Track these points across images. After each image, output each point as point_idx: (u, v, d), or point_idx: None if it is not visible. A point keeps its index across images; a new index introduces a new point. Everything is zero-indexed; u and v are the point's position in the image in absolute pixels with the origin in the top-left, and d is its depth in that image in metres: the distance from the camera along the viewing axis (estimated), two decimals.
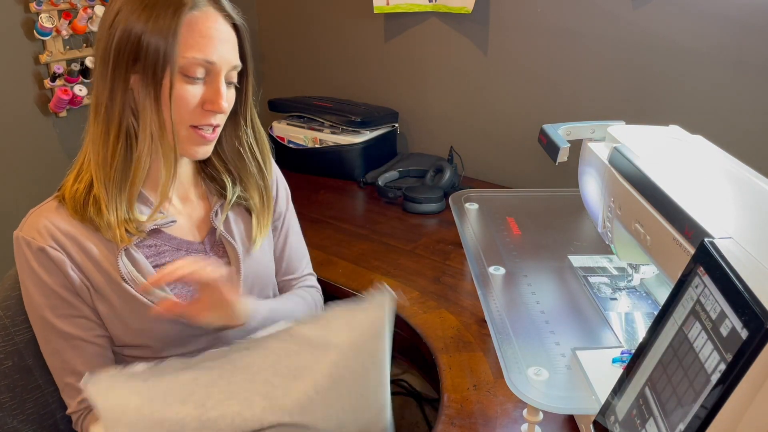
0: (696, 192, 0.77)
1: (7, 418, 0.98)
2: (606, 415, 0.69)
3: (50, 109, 1.72)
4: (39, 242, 0.86)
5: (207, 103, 0.88)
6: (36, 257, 0.87)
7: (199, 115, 0.89)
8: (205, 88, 0.88)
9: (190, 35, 0.85)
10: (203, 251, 0.97)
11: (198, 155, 0.93)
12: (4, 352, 0.98)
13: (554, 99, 1.65)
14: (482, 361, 1.03)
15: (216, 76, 0.88)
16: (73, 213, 0.88)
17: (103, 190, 0.87)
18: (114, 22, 0.85)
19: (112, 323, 0.90)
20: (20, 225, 0.89)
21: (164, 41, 0.83)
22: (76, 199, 0.88)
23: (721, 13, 1.36)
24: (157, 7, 0.84)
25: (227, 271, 0.87)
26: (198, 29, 0.85)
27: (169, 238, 0.94)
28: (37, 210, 0.90)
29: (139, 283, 0.89)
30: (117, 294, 0.89)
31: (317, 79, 2.13)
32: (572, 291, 1.07)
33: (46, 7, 1.62)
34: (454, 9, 1.71)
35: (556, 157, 0.98)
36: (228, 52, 0.89)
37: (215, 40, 0.87)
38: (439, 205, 1.57)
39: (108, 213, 0.87)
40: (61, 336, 0.89)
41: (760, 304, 0.51)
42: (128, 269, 0.89)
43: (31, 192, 1.70)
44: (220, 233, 0.98)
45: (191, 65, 0.85)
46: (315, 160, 1.81)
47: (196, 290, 0.87)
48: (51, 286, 0.87)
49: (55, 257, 0.86)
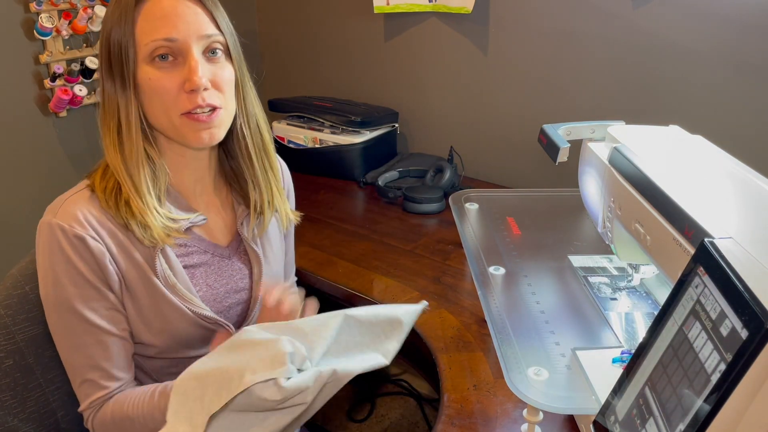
0: (696, 192, 0.77)
1: (7, 416, 0.98)
2: (606, 415, 0.69)
3: (50, 109, 1.72)
4: (78, 230, 0.84)
5: (186, 83, 0.85)
6: (72, 245, 0.84)
7: (185, 99, 0.86)
8: (180, 70, 0.86)
9: (147, 21, 0.84)
10: (227, 256, 0.98)
11: (204, 141, 0.89)
12: (5, 351, 0.98)
13: (554, 99, 1.65)
14: (482, 361, 1.03)
15: (186, 53, 0.85)
16: (106, 206, 0.87)
17: (132, 193, 0.86)
18: (101, 35, 0.87)
19: (134, 321, 0.90)
20: (50, 211, 0.87)
21: (123, 35, 0.84)
22: (107, 194, 0.87)
23: (721, 13, 1.36)
24: (118, 5, 0.85)
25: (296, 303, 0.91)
26: (154, 13, 0.84)
27: (199, 239, 0.95)
28: (71, 198, 0.88)
29: (170, 282, 0.89)
30: (148, 291, 0.89)
31: (317, 79, 2.14)
32: (572, 291, 1.07)
33: (46, 7, 1.62)
34: (454, 9, 1.71)
35: (556, 157, 0.98)
36: (192, 24, 0.85)
37: (173, 17, 0.84)
38: (439, 205, 1.57)
39: (142, 215, 0.86)
40: (89, 329, 0.87)
41: (760, 304, 0.51)
42: (163, 267, 0.89)
43: (31, 192, 1.71)
44: (246, 240, 0.99)
45: (154, 49, 0.84)
46: (315, 160, 1.81)
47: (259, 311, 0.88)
48: (86, 276, 0.85)
49: (95, 248, 0.85)
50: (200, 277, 0.94)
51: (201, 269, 0.94)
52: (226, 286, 0.96)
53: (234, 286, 0.97)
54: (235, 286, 0.98)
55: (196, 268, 0.94)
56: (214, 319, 0.93)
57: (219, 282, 0.96)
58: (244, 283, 0.99)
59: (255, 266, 1.00)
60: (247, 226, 0.99)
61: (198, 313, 0.91)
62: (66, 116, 1.76)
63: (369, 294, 1.24)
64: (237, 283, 0.98)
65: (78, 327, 0.87)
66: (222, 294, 0.96)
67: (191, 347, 0.93)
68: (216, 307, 0.95)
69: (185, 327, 0.91)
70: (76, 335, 0.87)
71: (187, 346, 0.93)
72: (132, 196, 0.86)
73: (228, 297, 0.97)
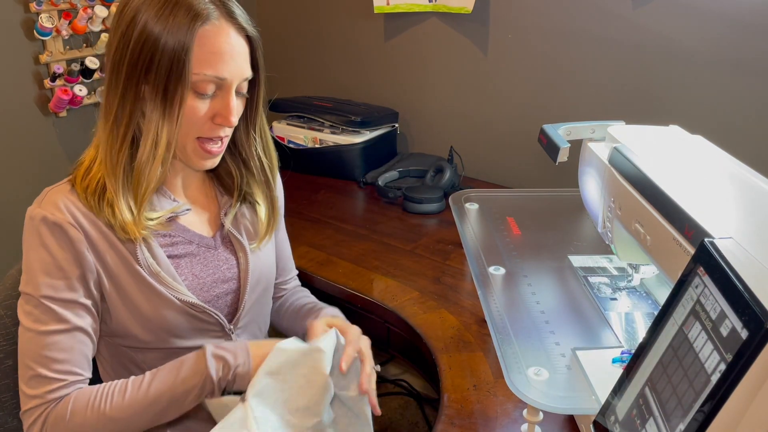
0: (696, 192, 0.77)
1: (7, 417, 0.98)
2: (606, 415, 0.69)
3: (50, 109, 1.72)
4: (58, 217, 0.85)
5: (217, 117, 0.88)
6: (51, 231, 0.85)
7: (208, 128, 0.89)
8: (215, 101, 0.88)
9: (202, 51, 0.84)
10: (213, 246, 0.98)
11: (206, 167, 0.94)
12: (5, 351, 0.98)
13: (554, 99, 1.65)
14: (482, 361, 1.03)
15: (227, 91, 0.88)
16: (86, 204, 0.87)
17: (113, 192, 0.87)
18: (128, 30, 0.84)
19: (122, 312, 0.90)
20: (36, 201, 0.88)
21: (177, 58, 0.83)
22: (88, 193, 0.87)
23: (721, 13, 1.36)
24: (171, 20, 0.83)
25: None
26: (210, 45, 0.85)
27: (183, 229, 0.95)
28: (55, 188, 0.89)
29: (153, 270, 0.89)
30: (131, 278, 0.89)
31: (317, 79, 2.14)
32: (572, 291, 1.07)
33: (46, 7, 1.62)
34: (454, 9, 1.71)
35: (556, 157, 0.98)
36: (239, 65, 0.88)
37: (226, 55, 0.86)
38: (439, 205, 1.57)
39: (120, 214, 0.86)
40: (53, 319, 0.85)
41: (760, 304, 0.51)
42: (144, 255, 0.89)
43: (30, 192, 1.69)
44: (228, 229, 1.00)
45: (202, 82, 0.85)
46: (315, 160, 1.81)
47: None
48: (60, 264, 0.85)
49: (73, 234, 0.85)
50: (185, 267, 0.94)
51: (186, 259, 0.95)
52: (213, 276, 0.97)
53: (221, 275, 0.98)
54: (222, 276, 0.98)
55: (181, 258, 0.94)
56: (202, 307, 0.93)
57: (205, 272, 0.96)
58: (232, 273, 0.99)
59: (241, 256, 1.00)
60: (230, 215, 1.00)
61: (185, 301, 0.91)
62: (66, 116, 1.76)
63: (369, 294, 1.24)
64: (224, 273, 0.98)
65: (43, 315, 0.85)
66: (209, 283, 0.96)
67: (181, 337, 0.93)
68: (203, 296, 0.95)
69: (173, 315, 0.91)
70: (38, 323, 0.85)
71: (176, 336, 0.93)
72: (113, 196, 0.86)
73: (215, 287, 0.97)
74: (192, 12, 0.83)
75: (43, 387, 0.85)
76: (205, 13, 0.84)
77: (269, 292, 1.08)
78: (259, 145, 1.01)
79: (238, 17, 0.88)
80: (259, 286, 1.03)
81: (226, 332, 0.98)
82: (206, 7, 0.85)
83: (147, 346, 0.93)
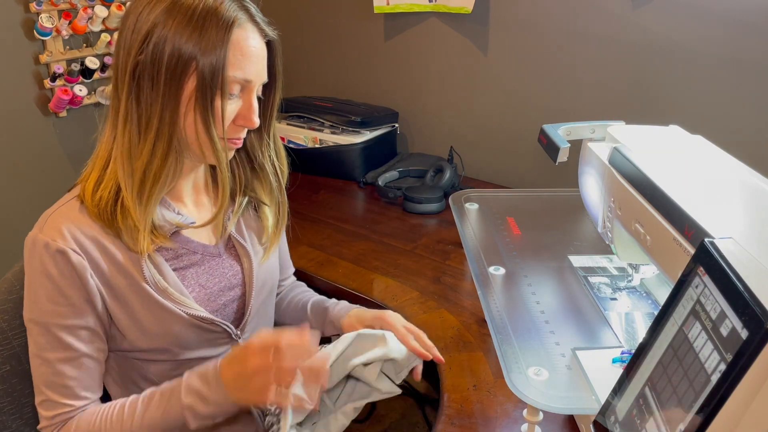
0: (696, 192, 0.77)
1: (7, 421, 0.98)
2: (606, 415, 0.69)
3: (50, 109, 1.72)
4: (60, 244, 0.84)
5: (239, 118, 0.89)
6: (54, 259, 0.84)
7: (232, 130, 0.90)
8: (238, 103, 0.89)
9: (233, 54, 0.85)
10: (217, 254, 0.98)
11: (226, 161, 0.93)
12: (2, 357, 0.97)
13: (554, 99, 1.65)
14: (482, 361, 1.03)
15: (250, 93, 0.89)
16: (96, 218, 0.86)
17: (136, 202, 0.86)
18: (149, 35, 0.83)
19: (130, 328, 0.89)
20: (37, 226, 0.86)
21: (216, 63, 0.83)
22: (101, 208, 0.86)
23: (721, 13, 1.36)
24: (205, 25, 0.83)
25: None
26: (239, 48, 0.85)
27: (186, 241, 0.94)
28: (57, 211, 0.87)
29: (161, 287, 0.89)
30: (139, 297, 0.88)
31: (317, 79, 2.14)
32: (572, 291, 1.07)
33: (46, 7, 1.62)
34: (454, 9, 1.71)
35: (556, 157, 0.98)
36: (262, 68, 0.90)
37: (253, 57, 0.87)
38: (439, 205, 1.57)
39: (137, 223, 0.86)
40: (60, 347, 0.86)
41: (760, 304, 0.51)
42: (151, 272, 0.88)
43: (30, 192, 1.71)
44: (232, 234, 0.99)
45: (231, 83, 0.86)
46: (315, 160, 1.81)
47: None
48: (65, 292, 0.84)
49: (76, 261, 0.84)
50: (192, 278, 0.94)
51: (191, 270, 0.94)
52: (219, 284, 0.96)
53: (227, 283, 0.98)
54: (228, 283, 0.98)
55: (186, 269, 0.94)
56: (210, 319, 0.93)
57: (211, 281, 0.96)
58: (237, 279, 0.99)
59: (245, 261, 1.00)
60: (233, 220, 1.00)
61: (193, 315, 0.91)
62: (66, 116, 1.76)
63: (369, 294, 1.24)
64: (230, 280, 0.98)
65: (49, 344, 0.86)
66: (216, 292, 0.96)
67: (190, 348, 0.93)
68: (210, 307, 0.95)
69: (182, 329, 0.91)
70: (47, 351, 0.86)
71: (184, 348, 0.93)
72: (133, 206, 0.86)
73: (222, 295, 0.97)
74: (222, 21, 0.84)
75: (53, 411, 0.87)
76: (235, 17, 0.85)
77: (273, 294, 1.08)
78: (272, 151, 1.01)
79: (260, 21, 0.89)
80: (264, 289, 1.02)
81: (233, 339, 0.97)
82: (235, 14, 0.85)
83: (154, 358, 0.93)
